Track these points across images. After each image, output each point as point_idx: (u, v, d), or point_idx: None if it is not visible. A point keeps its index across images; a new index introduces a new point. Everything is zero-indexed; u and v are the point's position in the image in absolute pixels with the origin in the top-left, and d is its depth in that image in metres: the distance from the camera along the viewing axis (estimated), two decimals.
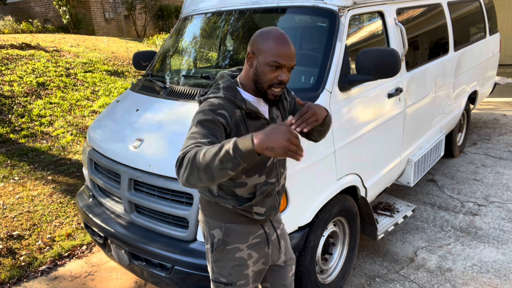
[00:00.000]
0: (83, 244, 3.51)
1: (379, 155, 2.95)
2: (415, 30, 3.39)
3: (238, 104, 1.49)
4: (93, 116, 6.45)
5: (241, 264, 1.64)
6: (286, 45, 1.42)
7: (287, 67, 1.44)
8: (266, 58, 1.43)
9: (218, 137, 1.39)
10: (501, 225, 3.46)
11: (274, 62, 1.41)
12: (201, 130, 1.38)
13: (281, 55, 1.41)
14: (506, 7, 10.19)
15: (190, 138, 1.38)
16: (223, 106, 1.45)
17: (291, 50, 1.43)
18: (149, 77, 3.08)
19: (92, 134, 2.82)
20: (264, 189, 1.60)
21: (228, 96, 1.48)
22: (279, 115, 1.65)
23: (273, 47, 1.41)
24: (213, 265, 1.67)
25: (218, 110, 1.44)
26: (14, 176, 4.64)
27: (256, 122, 1.54)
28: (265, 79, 1.45)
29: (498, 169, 4.58)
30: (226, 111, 1.45)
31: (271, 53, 1.42)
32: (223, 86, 1.52)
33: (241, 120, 1.50)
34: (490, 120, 6.44)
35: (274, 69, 1.43)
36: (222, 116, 1.43)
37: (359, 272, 2.98)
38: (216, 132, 1.39)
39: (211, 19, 3.07)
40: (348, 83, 2.47)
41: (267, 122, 1.57)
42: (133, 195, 2.31)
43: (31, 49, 8.46)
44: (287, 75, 1.45)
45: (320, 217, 2.39)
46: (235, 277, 1.64)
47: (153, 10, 14.36)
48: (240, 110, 1.50)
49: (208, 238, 1.66)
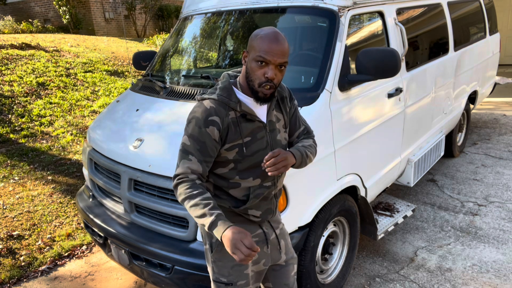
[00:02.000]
0: (83, 244, 3.51)
1: (379, 155, 2.95)
2: (415, 30, 3.39)
3: (232, 106, 1.50)
4: (93, 116, 6.45)
5: (240, 264, 1.64)
6: (275, 42, 1.42)
7: (273, 64, 1.43)
8: (254, 54, 1.44)
9: (209, 153, 1.50)
10: (501, 225, 3.46)
11: (260, 57, 1.42)
12: (193, 146, 1.49)
13: (266, 51, 1.41)
14: (506, 7, 10.19)
15: (185, 155, 1.49)
16: (215, 111, 1.48)
17: (280, 47, 1.42)
18: (149, 77, 3.08)
19: (92, 134, 2.82)
20: (258, 192, 1.59)
21: (222, 98, 1.50)
22: (281, 118, 1.64)
23: (260, 43, 1.42)
24: (213, 265, 1.67)
25: (210, 117, 1.47)
26: (14, 176, 4.64)
27: (251, 124, 1.54)
28: (254, 76, 1.46)
29: (498, 169, 4.58)
30: (217, 115, 1.48)
31: (258, 49, 1.43)
32: (220, 87, 1.54)
33: (234, 122, 1.51)
34: (490, 120, 6.44)
35: (260, 65, 1.43)
36: (212, 124, 1.47)
37: (359, 272, 2.98)
38: (207, 148, 1.49)
39: (211, 19, 3.08)
40: (348, 83, 2.47)
41: (263, 125, 1.56)
42: (133, 195, 2.31)
43: (31, 49, 8.46)
44: (273, 72, 1.43)
45: (320, 217, 2.38)
46: (235, 277, 1.64)
47: (153, 10, 14.36)
48: (235, 112, 1.51)
49: (207, 238, 1.67)
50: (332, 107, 2.37)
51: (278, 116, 1.63)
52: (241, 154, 1.53)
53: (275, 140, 1.61)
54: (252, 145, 1.54)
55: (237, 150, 1.52)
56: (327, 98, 2.35)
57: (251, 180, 1.58)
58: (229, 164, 1.55)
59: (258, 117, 1.55)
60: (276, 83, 1.47)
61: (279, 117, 1.63)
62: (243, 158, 1.54)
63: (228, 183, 1.57)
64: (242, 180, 1.57)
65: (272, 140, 1.60)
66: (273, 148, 1.61)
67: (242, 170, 1.56)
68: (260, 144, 1.56)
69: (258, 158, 1.56)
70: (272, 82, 1.45)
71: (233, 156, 1.53)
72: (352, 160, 2.61)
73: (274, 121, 1.61)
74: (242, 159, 1.54)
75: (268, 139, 1.59)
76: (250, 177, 1.57)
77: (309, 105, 2.26)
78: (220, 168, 1.56)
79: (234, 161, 1.54)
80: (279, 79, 1.47)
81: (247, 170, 1.56)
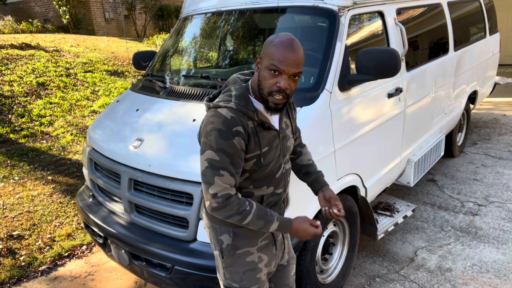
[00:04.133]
0: (83, 244, 3.51)
1: (379, 155, 2.95)
2: (415, 30, 3.39)
3: (250, 115, 1.43)
4: (93, 116, 6.45)
5: (252, 268, 1.62)
6: (290, 50, 1.35)
7: (287, 74, 1.36)
8: (267, 62, 1.38)
9: (240, 164, 1.44)
10: (501, 225, 3.46)
11: (273, 66, 1.35)
12: (224, 160, 1.40)
13: (281, 60, 1.34)
14: (506, 7, 10.19)
15: (216, 171, 1.41)
16: (237, 121, 1.40)
17: (295, 57, 1.35)
18: (149, 77, 3.08)
19: (92, 134, 2.82)
20: (270, 200, 1.58)
21: (240, 108, 1.42)
22: (289, 124, 1.62)
23: (274, 51, 1.36)
24: (224, 270, 1.64)
25: (234, 127, 1.39)
26: (14, 176, 4.64)
27: (268, 133, 1.49)
28: (265, 85, 1.40)
29: (498, 169, 4.58)
30: (241, 126, 1.40)
31: (272, 57, 1.36)
32: (236, 94, 1.45)
33: (253, 132, 1.45)
34: (490, 120, 6.44)
35: (273, 74, 1.37)
36: (238, 134, 1.40)
37: (359, 272, 2.98)
38: (238, 160, 1.42)
39: (211, 19, 3.07)
40: (348, 83, 2.47)
41: (277, 133, 1.53)
42: (133, 195, 2.31)
43: (31, 49, 8.46)
44: (287, 82, 1.37)
45: (320, 217, 2.39)
46: (248, 282, 1.62)
47: (153, 10, 14.36)
48: (252, 121, 1.45)
49: (216, 244, 1.63)
50: (332, 107, 2.37)
51: (287, 123, 1.61)
52: (258, 165, 1.49)
53: (285, 147, 1.59)
54: (268, 155, 1.50)
55: (255, 161, 1.48)
56: (327, 98, 2.35)
57: (264, 189, 1.56)
58: (244, 174, 1.51)
59: (273, 126, 1.51)
60: (289, 93, 1.40)
61: (287, 123, 1.61)
62: (259, 168, 1.50)
63: (242, 193, 1.55)
64: (256, 189, 1.55)
65: (284, 147, 1.58)
66: (285, 155, 1.60)
67: (256, 180, 1.53)
68: (275, 153, 1.53)
69: (273, 166, 1.54)
70: (285, 92, 1.39)
71: (250, 166, 1.48)
72: (352, 160, 2.61)
73: (284, 128, 1.59)
74: (258, 169, 1.50)
75: (281, 146, 1.56)
76: (264, 185, 1.55)
77: (309, 105, 2.26)
78: None
79: (250, 171, 1.50)
80: (292, 89, 1.41)
81: (261, 179, 1.54)
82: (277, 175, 1.57)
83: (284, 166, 1.61)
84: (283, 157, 1.59)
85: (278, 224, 1.49)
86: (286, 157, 1.62)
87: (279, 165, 1.57)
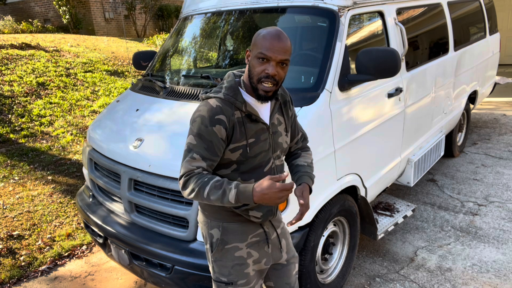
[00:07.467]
0: (83, 244, 3.51)
1: (379, 155, 2.95)
2: (415, 30, 3.39)
3: (238, 105, 1.50)
4: (93, 116, 6.45)
5: (241, 263, 1.64)
6: (276, 39, 1.42)
7: (274, 60, 1.43)
8: (255, 52, 1.45)
9: (216, 152, 1.49)
10: (501, 225, 3.46)
11: (261, 54, 1.43)
12: (199, 145, 1.47)
13: (268, 48, 1.42)
14: (506, 7, 10.19)
15: (190, 154, 1.48)
16: (221, 110, 1.48)
17: (281, 44, 1.43)
18: (149, 77, 3.08)
19: (92, 134, 2.82)
20: None
21: (228, 98, 1.51)
22: (283, 122, 1.65)
23: (262, 41, 1.44)
24: (213, 264, 1.67)
25: (216, 116, 1.47)
26: (14, 176, 4.64)
27: (255, 125, 1.54)
28: (254, 73, 1.46)
29: (498, 169, 4.58)
30: (224, 115, 1.48)
31: (260, 46, 1.44)
32: (226, 86, 1.54)
33: (240, 122, 1.51)
34: (490, 120, 6.44)
35: (261, 62, 1.44)
36: (219, 123, 1.47)
37: (359, 272, 2.98)
38: (214, 147, 1.48)
39: (211, 19, 3.08)
40: (348, 83, 2.47)
41: (266, 127, 1.57)
42: (133, 195, 2.31)
43: (31, 49, 8.46)
44: (275, 69, 1.43)
45: (320, 217, 2.39)
46: (236, 276, 1.64)
47: (153, 10, 14.36)
48: (240, 112, 1.51)
49: (207, 238, 1.67)
50: (332, 107, 2.37)
51: (280, 119, 1.64)
52: (245, 155, 1.53)
53: (277, 142, 1.62)
54: (255, 146, 1.55)
55: (241, 152, 1.52)
56: (327, 98, 2.35)
57: (252, 182, 1.58)
58: (231, 165, 1.55)
59: (262, 119, 1.55)
60: (278, 79, 1.47)
61: (281, 120, 1.64)
62: (246, 160, 1.54)
63: None
64: (244, 182, 1.57)
65: (274, 142, 1.61)
66: (275, 150, 1.62)
67: (244, 172, 1.56)
68: (263, 146, 1.57)
69: (261, 159, 1.57)
70: (274, 78, 1.45)
71: (237, 157, 1.53)
72: (352, 160, 2.61)
73: (276, 124, 1.62)
74: (245, 160, 1.54)
75: (271, 141, 1.60)
76: (252, 178, 1.58)
77: (309, 105, 2.27)
78: (223, 169, 1.56)
79: (237, 162, 1.54)
80: (281, 76, 1.47)
81: (249, 171, 1.57)
82: (266, 169, 1.59)
83: (274, 161, 1.63)
84: (273, 152, 1.61)
85: (236, 191, 1.40)
86: (276, 152, 1.64)
87: (268, 159, 1.60)
